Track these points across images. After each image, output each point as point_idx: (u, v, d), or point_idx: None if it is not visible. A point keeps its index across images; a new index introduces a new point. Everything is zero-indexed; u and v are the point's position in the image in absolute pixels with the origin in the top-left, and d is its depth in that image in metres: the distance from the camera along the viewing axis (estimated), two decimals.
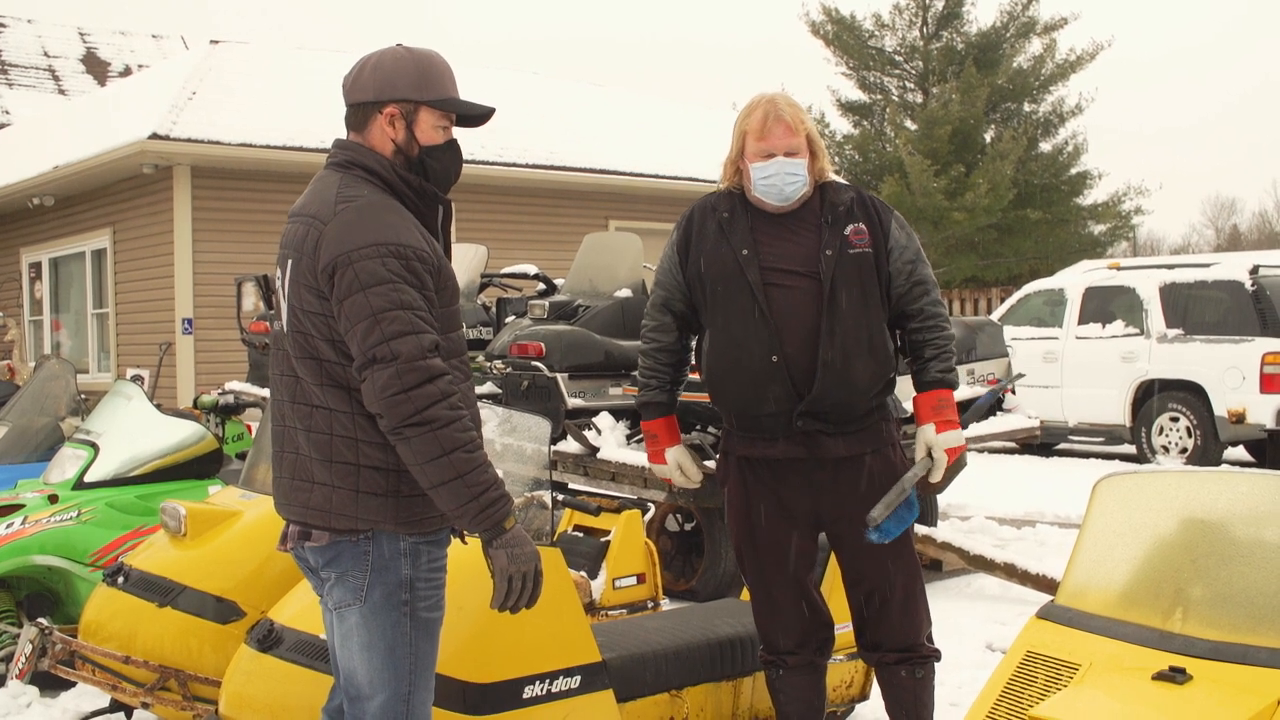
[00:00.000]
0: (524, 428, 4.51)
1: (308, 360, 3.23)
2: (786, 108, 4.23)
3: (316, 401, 3.23)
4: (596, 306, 9.33)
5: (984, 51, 31.33)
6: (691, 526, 8.31)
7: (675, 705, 4.57)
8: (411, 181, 3.35)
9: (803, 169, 4.18)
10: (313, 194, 3.32)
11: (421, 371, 3.07)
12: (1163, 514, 2.90)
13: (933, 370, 4.23)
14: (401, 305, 3.09)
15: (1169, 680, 2.61)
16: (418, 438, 3.06)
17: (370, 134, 3.36)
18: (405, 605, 3.29)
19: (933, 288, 4.29)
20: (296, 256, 3.22)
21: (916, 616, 4.32)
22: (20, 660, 5.66)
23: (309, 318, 3.20)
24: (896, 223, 4.26)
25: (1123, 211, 31.87)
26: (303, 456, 3.27)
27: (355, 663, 3.32)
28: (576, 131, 18.90)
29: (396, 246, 3.13)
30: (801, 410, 4.17)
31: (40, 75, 27.53)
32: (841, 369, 4.13)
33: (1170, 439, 14.03)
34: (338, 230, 3.14)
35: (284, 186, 15.76)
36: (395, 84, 3.36)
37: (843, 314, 4.13)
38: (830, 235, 4.18)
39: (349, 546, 3.25)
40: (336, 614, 3.34)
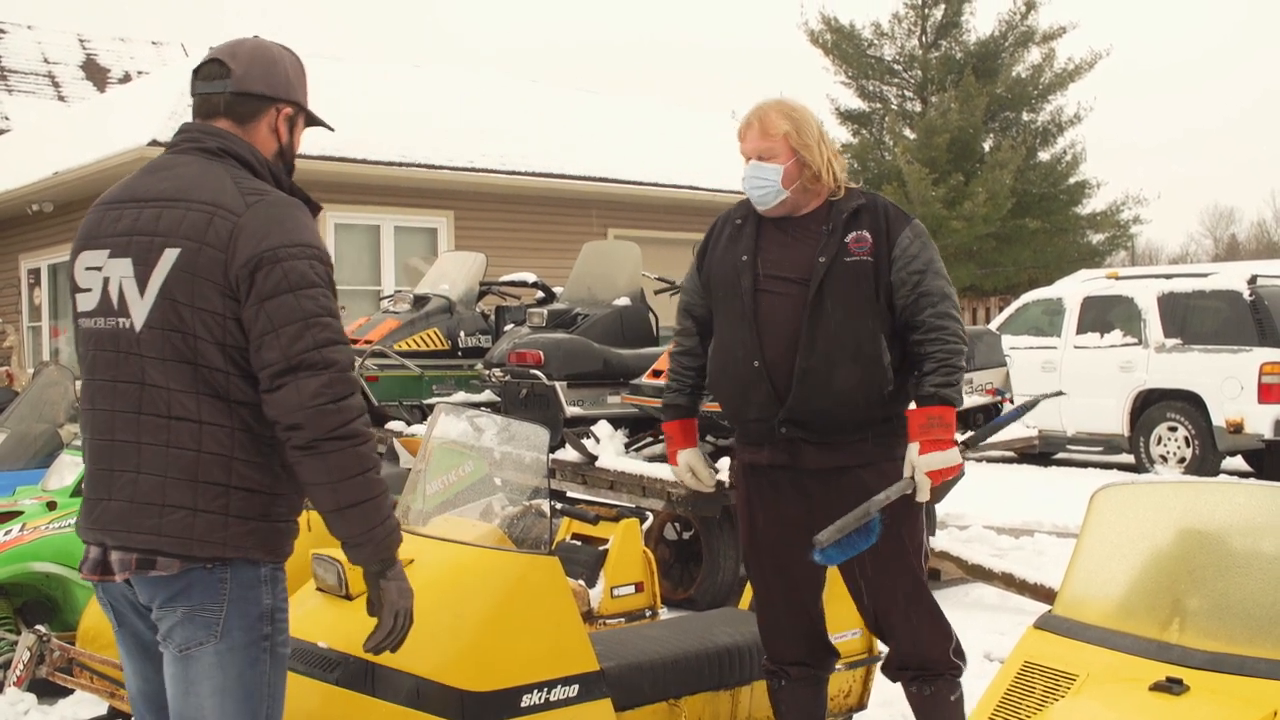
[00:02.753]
0: (522, 436, 4.51)
1: (179, 365, 2.88)
2: (771, 112, 4.22)
3: (181, 413, 2.88)
4: (595, 315, 9.35)
5: (983, 60, 31.35)
6: (690, 535, 8.31)
7: (673, 714, 4.57)
8: (284, 182, 3.14)
9: (773, 174, 4.15)
10: (190, 181, 2.98)
11: (351, 383, 2.90)
12: (1160, 525, 2.91)
13: (926, 384, 4.06)
14: (330, 312, 2.91)
15: (1166, 691, 2.61)
16: (338, 452, 2.83)
17: (258, 129, 3.11)
18: (266, 640, 2.98)
19: (940, 300, 4.11)
20: (190, 246, 2.87)
21: (921, 633, 4.22)
22: (18, 667, 5.65)
23: (201, 316, 2.87)
24: (911, 232, 4.15)
25: (1121, 221, 31.88)
26: (150, 476, 2.89)
27: (205, 710, 2.93)
28: (575, 139, 18.91)
29: (320, 251, 2.96)
30: (782, 417, 4.15)
31: (40, 81, 27.55)
32: (822, 377, 4.09)
33: (1168, 449, 14.04)
34: (259, 224, 2.88)
35: None
36: (292, 84, 3.19)
37: (827, 322, 4.08)
38: (828, 242, 4.14)
39: (202, 575, 2.90)
40: (182, 657, 2.93)
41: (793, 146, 4.16)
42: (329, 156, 15.63)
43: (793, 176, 4.16)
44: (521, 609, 4.03)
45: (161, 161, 3.11)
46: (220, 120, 3.09)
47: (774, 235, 4.25)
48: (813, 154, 4.18)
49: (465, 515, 4.47)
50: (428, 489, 4.59)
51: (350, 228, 16.62)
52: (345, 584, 4.00)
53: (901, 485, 3.99)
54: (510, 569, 4.08)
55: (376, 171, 16.15)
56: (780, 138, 4.17)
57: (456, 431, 4.79)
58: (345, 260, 16.56)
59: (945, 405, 4.03)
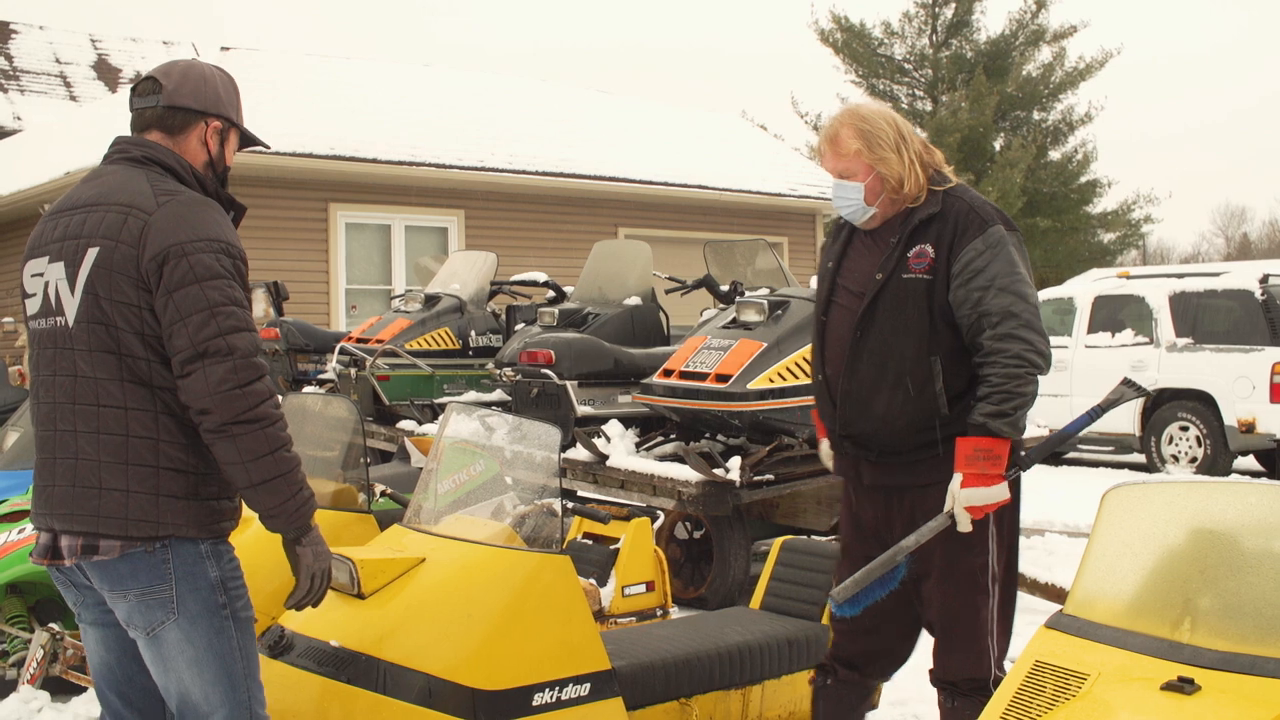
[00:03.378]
0: (533, 435, 4.52)
1: (104, 355, 3.10)
2: (842, 130, 4.09)
3: (109, 401, 3.10)
4: (606, 314, 9.36)
5: (993, 59, 31.36)
6: (701, 534, 8.31)
7: (684, 713, 4.57)
8: (209, 185, 3.35)
9: (854, 192, 4.05)
10: (113, 186, 3.21)
11: (255, 368, 3.07)
12: (1171, 524, 2.90)
13: (976, 413, 3.84)
14: (234, 302, 3.09)
15: (1177, 690, 2.60)
16: (246, 435, 3.02)
17: (187, 140, 3.34)
18: (224, 608, 3.20)
19: (1002, 320, 3.86)
20: (107, 245, 3.10)
21: (962, 653, 4.06)
22: (32, 665, 5.68)
23: (119, 308, 3.08)
24: (982, 243, 3.91)
25: (1132, 220, 31.87)
26: (86, 461, 3.11)
27: (187, 683, 3.18)
28: (586, 139, 18.93)
29: (227, 245, 3.14)
30: (840, 433, 4.14)
31: (52, 81, 27.62)
32: (862, 400, 4.03)
33: (1180, 448, 14.01)
34: (168, 221, 3.09)
35: (294, 193, 15.82)
36: (221, 100, 3.40)
37: (871, 343, 4.00)
38: (889, 256, 4.02)
39: (145, 558, 3.11)
40: (150, 637, 3.17)
41: (867, 163, 4.03)
42: (340, 156, 15.67)
43: (875, 191, 4.05)
44: (533, 608, 4.04)
45: (95, 171, 3.36)
46: (152, 133, 3.34)
47: (859, 243, 4.19)
48: (890, 166, 4.01)
49: (476, 514, 4.48)
50: (440, 488, 4.60)
51: (361, 227, 16.65)
52: (357, 582, 4.01)
53: (935, 524, 3.83)
54: (522, 568, 4.09)
55: (387, 171, 16.17)
56: (852, 156, 4.05)
57: (468, 431, 4.81)
58: (356, 259, 16.59)
59: (994, 438, 3.81)
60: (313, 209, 16.15)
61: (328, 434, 5.66)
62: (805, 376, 7.48)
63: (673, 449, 7.87)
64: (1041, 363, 3.86)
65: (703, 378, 7.52)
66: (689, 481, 7.38)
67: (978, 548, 3.97)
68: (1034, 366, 3.85)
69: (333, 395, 8.32)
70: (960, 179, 4.16)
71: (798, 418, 7.49)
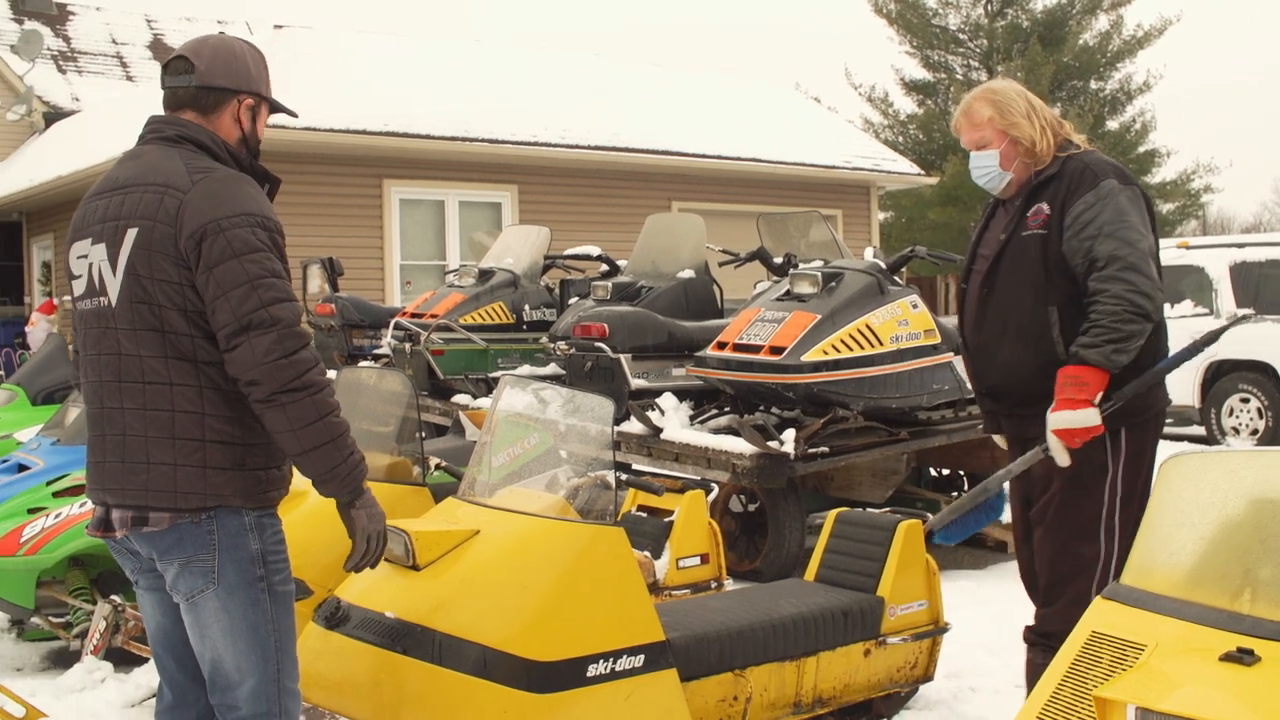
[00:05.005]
0: (587, 408, 4.53)
1: (148, 333, 3.17)
2: (974, 102, 4.36)
3: (154, 378, 3.16)
4: (659, 288, 9.35)
5: (1049, 29, 31.01)
6: (755, 507, 8.31)
7: (739, 685, 4.58)
8: (243, 160, 3.39)
9: (989, 159, 4.30)
10: (149, 166, 3.27)
11: (300, 337, 3.14)
12: (1231, 494, 2.87)
13: (1077, 343, 4.05)
14: (274, 274, 3.14)
15: (1237, 661, 2.58)
16: (294, 403, 3.08)
17: (221, 118, 3.38)
18: (261, 581, 3.27)
19: (1108, 264, 4.04)
20: (146, 225, 3.16)
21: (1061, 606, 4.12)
22: (94, 637, 5.77)
23: (161, 286, 3.14)
24: (1093, 195, 4.11)
25: (1192, 190, 31.49)
26: (134, 437, 3.19)
27: (220, 650, 3.26)
28: (639, 113, 18.88)
29: (263, 218, 3.18)
30: (978, 389, 4.49)
31: (109, 62, 27.84)
32: (989, 353, 4.33)
33: (1240, 420, 13.85)
34: (203, 198, 3.14)
35: (348, 169, 15.89)
36: (253, 76, 3.43)
37: (995, 299, 4.28)
38: (1012, 218, 4.29)
39: (191, 528, 3.19)
40: (189, 604, 3.26)
41: (1000, 129, 4.27)
42: (393, 132, 15.72)
43: (1010, 157, 4.28)
44: (587, 579, 4.05)
45: (130, 152, 3.41)
46: (186, 111, 3.38)
47: (999, 213, 4.47)
48: (1022, 130, 4.25)
49: (530, 487, 4.49)
50: (494, 461, 4.62)
51: (415, 203, 16.70)
52: (412, 554, 4.03)
53: (1030, 455, 4.02)
54: (576, 539, 4.10)
55: (440, 147, 16.21)
56: (986, 123, 4.30)
57: (521, 404, 4.82)
58: (410, 235, 16.65)
59: (1084, 365, 4.00)
60: (367, 185, 16.21)
61: (382, 408, 5.69)
62: (859, 348, 7.46)
63: (727, 422, 7.87)
64: (1144, 303, 4.02)
65: (757, 350, 7.50)
66: (743, 454, 7.37)
67: (1093, 495, 4.11)
68: (1135, 306, 4.01)
69: (387, 369, 8.37)
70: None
71: (852, 390, 7.46)
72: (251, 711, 3.29)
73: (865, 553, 5.20)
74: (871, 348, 7.51)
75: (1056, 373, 4.09)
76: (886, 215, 30.26)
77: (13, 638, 6.85)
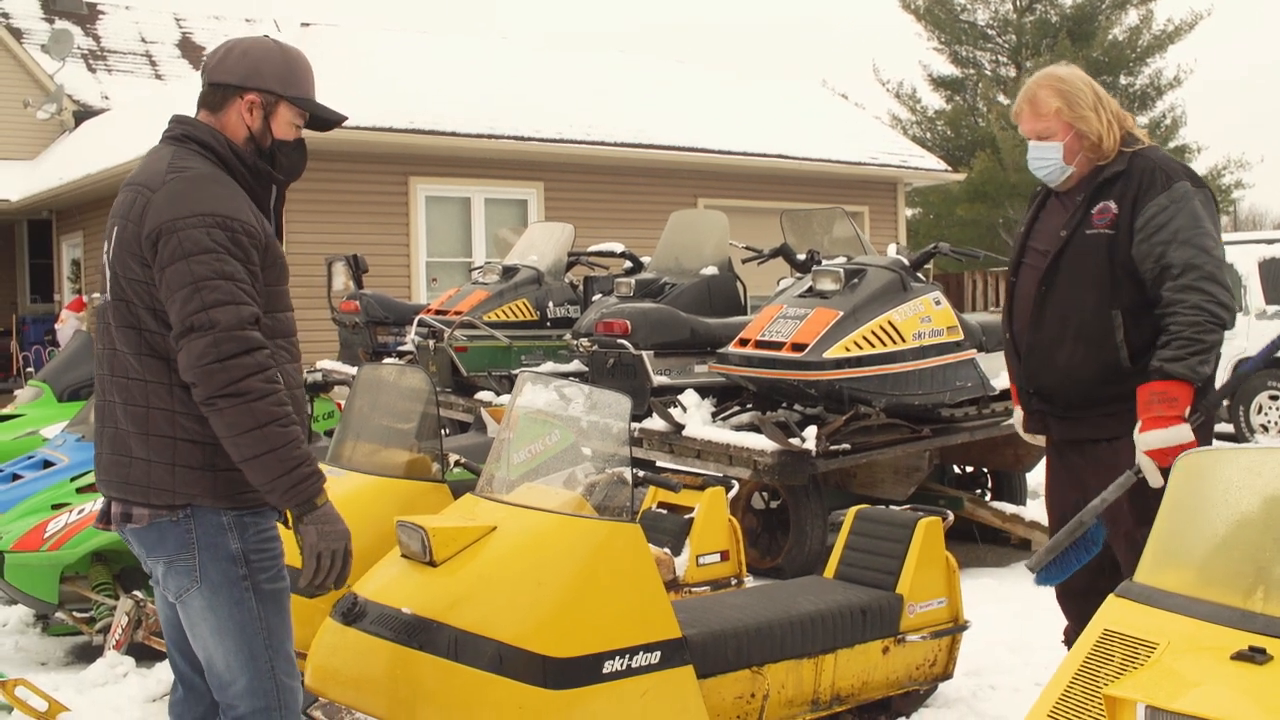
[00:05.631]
0: (604, 404, 4.53)
1: (128, 330, 3.20)
2: (1040, 90, 4.20)
3: (133, 374, 3.19)
4: (682, 284, 9.35)
5: (1078, 24, 30.86)
6: (778, 504, 8.30)
7: (756, 682, 4.58)
8: (246, 159, 3.33)
9: (1053, 152, 4.15)
10: (145, 166, 3.31)
11: (238, 341, 3.05)
12: (1244, 492, 2.85)
13: (1155, 359, 3.89)
14: (223, 275, 3.07)
15: (1248, 660, 2.56)
16: (230, 409, 3.03)
17: (226, 116, 3.35)
18: (245, 580, 3.24)
19: (1184, 272, 3.89)
20: (123, 224, 3.20)
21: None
22: (117, 631, 5.80)
23: (132, 285, 3.17)
24: (1166, 198, 3.97)
25: (1223, 185, 31.27)
26: (121, 431, 3.22)
27: (210, 649, 3.27)
28: (663, 110, 18.87)
29: (223, 218, 3.12)
30: (1028, 390, 4.30)
31: (138, 61, 27.99)
32: (1046, 354, 4.16)
33: (1269, 417, 13.76)
34: (165, 199, 3.13)
35: (374, 167, 15.93)
36: (261, 74, 3.36)
37: (1055, 298, 4.12)
38: (1075, 214, 4.13)
39: (170, 527, 3.20)
40: (179, 603, 3.28)
41: (1067, 121, 4.13)
42: (419, 130, 15.75)
43: (1074, 151, 4.14)
44: (604, 575, 4.05)
45: (149, 150, 3.42)
46: (201, 111, 3.39)
47: (1051, 206, 4.32)
48: (1089, 124, 4.12)
49: (548, 483, 4.49)
50: (514, 458, 4.62)
51: (441, 200, 16.74)
52: (429, 550, 4.04)
53: (1123, 480, 3.73)
54: (593, 536, 4.10)
55: (466, 144, 16.24)
56: (1052, 115, 4.15)
57: (540, 400, 4.82)
58: (436, 232, 16.68)
59: (1170, 380, 3.84)
60: (393, 182, 16.26)
61: (402, 404, 5.71)
62: (882, 345, 7.44)
63: (749, 418, 7.86)
64: (1223, 314, 3.88)
65: (778, 347, 7.49)
66: (765, 451, 7.37)
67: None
68: (1214, 317, 3.88)
69: (409, 366, 8.39)
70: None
71: (874, 387, 7.44)
72: (250, 708, 3.27)
73: (885, 550, 5.19)
74: (894, 344, 7.50)
75: (1119, 379, 3.99)
76: (914, 212, 30.17)
77: (38, 632, 6.90)
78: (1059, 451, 4.32)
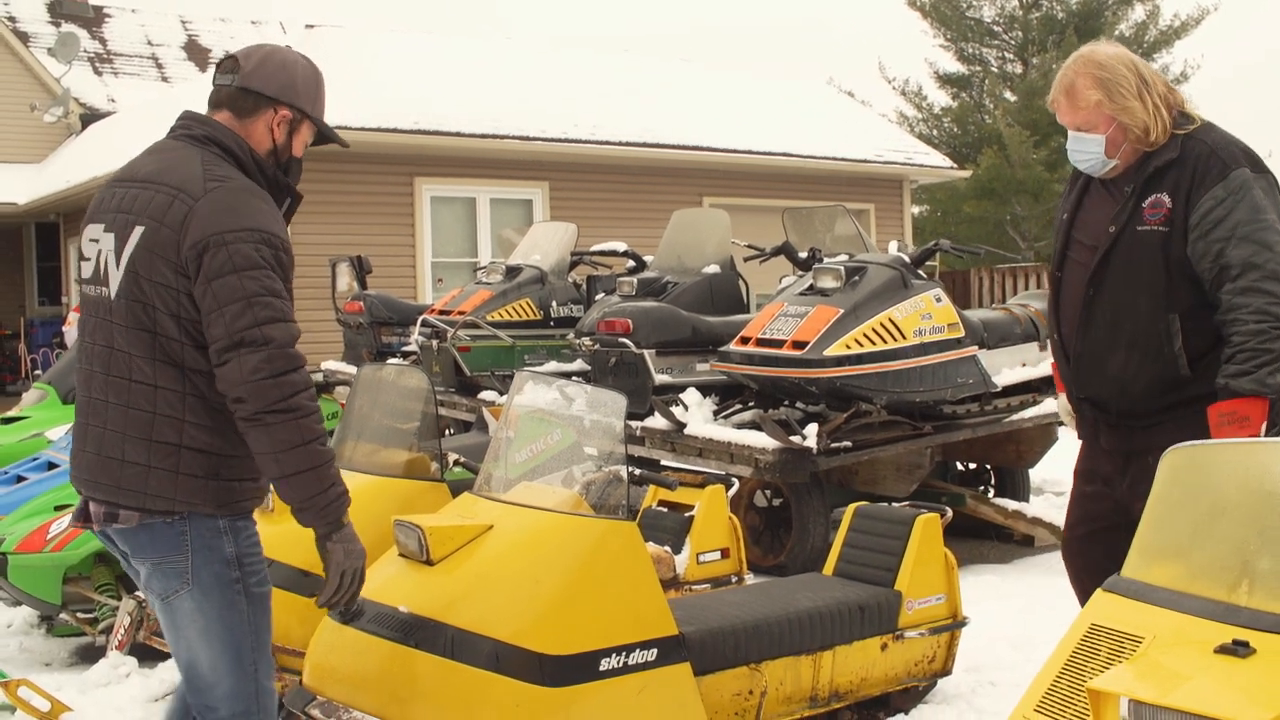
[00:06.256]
0: (600, 402, 4.54)
1: (139, 332, 3.16)
2: (1078, 80, 3.84)
3: (140, 377, 3.16)
4: (684, 283, 9.36)
5: (1085, 20, 30.78)
6: (780, 502, 8.31)
7: (754, 679, 4.59)
8: (267, 170, 3.37)
9: (1094, 145, 3.82)
10: (168, 165, 3.26)
11: (291, 359, 3.10)
12: (1230, 485, 2.85)
13: (1221, 375, 3.57)
14: (272, 293, 3.11)
15: (1231, 654, 2.57)
16: (280, 425, 3.05)
17: (255, 125, 3.36)
18: (237, 583, 3.26)
19: (1244, 272, 3.56)
20: (152, 225, 3.16)
21: None
22: (119, 632, 5.83)
23: (157, 289, 3.14)
24: (1223, 189, 3.63)
25: None
26: (113, 432, 3.19)
27: (196, 651, 3.27)
28: (669, 108, 18.88)
29: (270, 235, 3.15)
30: (1077, 395, 3.99)
31: (144, 64, 28.05)
32: (1096, 362, 3.86)
33: None
34: (212, 209, 3.12)
35: (379, 167, 15.96)
36: (298, 89, 3.40)
37: (1105, 301, 3.80)
38: (1124, 207, 3.80)
39: (163, 528, 3.19)
40: (164, 604, 3.27)
41: (1108, 114, 3.79)
42: (424, 130, 15.78)
43: (1117, 142, 3.81)
44: (600, 573, 4.07)
45: (157, 145, 3.40)
46: (222, 112, 3.37)
47: (1095, 192, 3.98)
48: (1134, 115, 3.77)
49: (546, 482, 4.51)
50: (514, 457, 4.64)
51: (446, 200, 16.76)
52: (426, 549, 4.06)
53: None
54: (588, 534, 4.12)
55: (471, 144, 16.26)
56: (1092, 108, 3.81)
57: (537, 399, 4.84)
58: (441, 232, 16.71)
59: (1239, 398, 3.53)
60: (398, 183, 16.28)
61: (402, 404, 5.73)
62: (883, 342, 7.45)
63: (750, 416, 7.87)
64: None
65: (779, 345, 7.50)
66: (766, 449, 7.38)
67: None
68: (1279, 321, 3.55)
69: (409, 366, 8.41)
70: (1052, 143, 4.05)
71: (875, 384, 7.45)
72: (230, 712, 3.30)
73: (883, 547, 5.20)
74: (894, 341, 7.51)
75: (1178, 387, 3.72)
76: (920, 209, 30.14)
77: (42, 633, 6.93)
78: (1104, 454, 4.01)
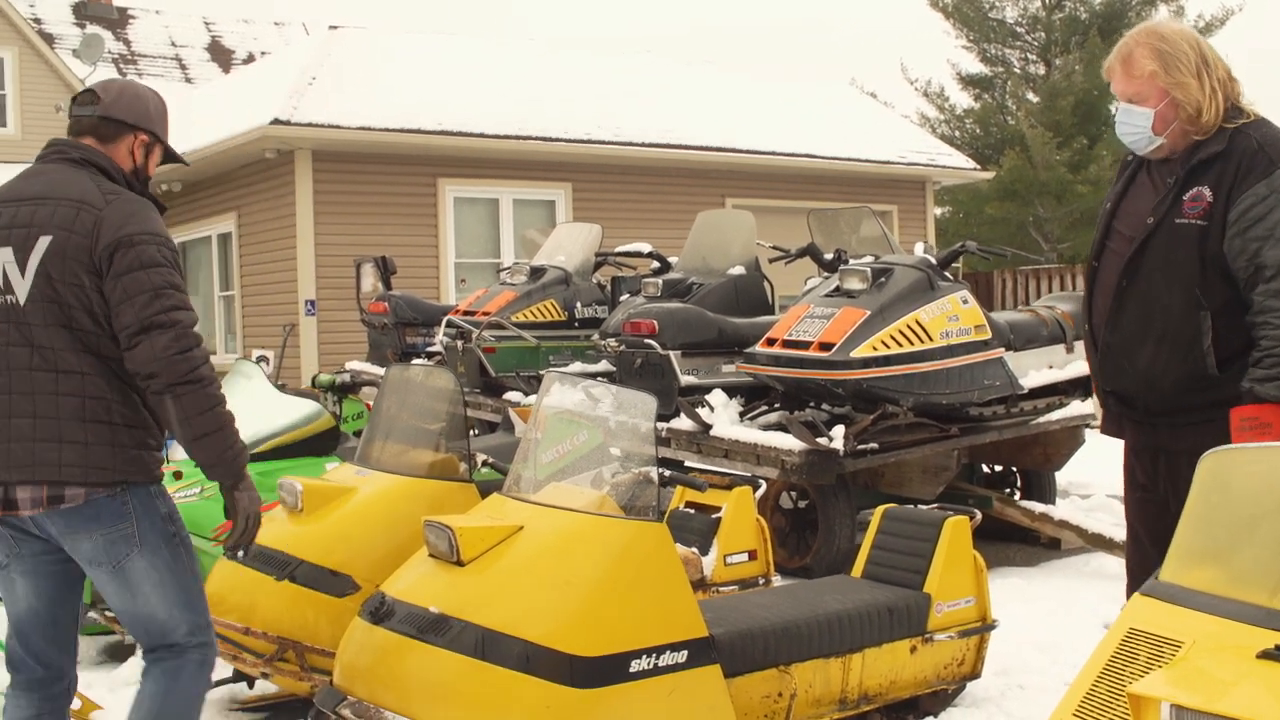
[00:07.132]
0: (629, 404, 4.54)
1: (59, 329, 3.56)
2: (1137, 49, 3.74)
3: (66, 366, 3.56)
4: (710, 284, 9.35)
5: (1108, 20, 30.65)
6: (806, 504, 8.29)
7: (783, 681, 4.58)
8: (136, 187, 3.81)
9: (1142, 119, 3.73)
10: (55, 183, 3.67)
11: (195, 337, 3.59)
12: (1270, 489, 2.83)
13: (1246, 378, 3.51)
14: (175, 286, 3.60)
15: (1273, 659, 2.55)
16: (190, 394, 3.52)
17: (117, 148, 3.83)
18: (175, 536, 3.73)
19: (1277, 274, 3.48)
20: (61, 234, 3.56)
21: None
22: None
23: (71, 289, 3.55)
24: (1266, 186, 3.52)
25: None
26: (44, 420, 3.54)
27: (154, 604, 3.68)
28: (692, 110, 18.87)
29: (166, 239, 3.66)
30: (1106, 389, 3.91)
31: (168, 65, 28.19)
32: (1124, 356, 3.77)
33: None
34: (118, 215, 3.59)
35: (401, 168, 15.99)
36: (152, 117, 3.91)
37: (1137, 293, 3.71)
38: (1165, 198, 3.70)
39: (106, 502, 3.58)
40: (115, 569, 3.63)
41: (1162, 87, 3.69)
42: (447, 131, 15.80)
43: (1167, 119, 3.71)
44: (630, 575, 4.06)
45: (33, 170, 3.82)
46: (86, 138, 3.82)
47: (1141, 183, 3.88)
48: (1187, 91, 3.66)
49: (575, 483, 4.51)
50: (542, 458, 4.64)
51: (470, 201, 16.78)
52: (457, 550, 4.06)
53: None
54: (618, 535, 4.12)
55: (494, 145, 16.27)
56: (1146, 78, 3.71)
57: (566, 400, 4.84)
58: (465, 233, 16.74)
59: (1262, 404, 3.47)
60: (421, 184, 16.31)
61: (430, 404, 5.73)
62: (909, 344, 7.42)
63: (777, 418, 7.85)
64: None
65: (805, 346, 7.49)
66: (793, 451, 7.36)
67: None
68: None
69: (437, 366, 8.42)
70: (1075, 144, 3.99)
71: (902, 386, 7.43)
72: (195, 642, 3.75)
73: (912, 549, 5.19)
74: (921, 343, 7.48)
75: (1205, 387, 3.63)
76: (943, 210, 30.06)
77: None
78: (1135, 454, 3.97)
